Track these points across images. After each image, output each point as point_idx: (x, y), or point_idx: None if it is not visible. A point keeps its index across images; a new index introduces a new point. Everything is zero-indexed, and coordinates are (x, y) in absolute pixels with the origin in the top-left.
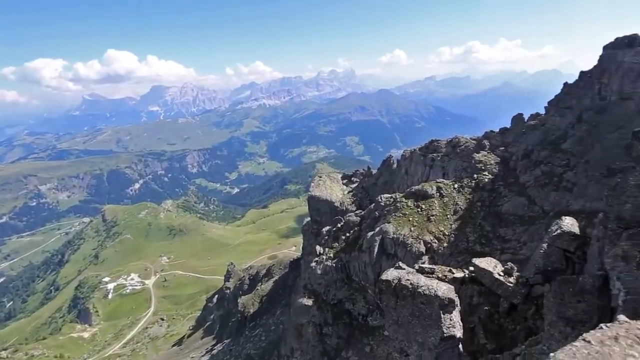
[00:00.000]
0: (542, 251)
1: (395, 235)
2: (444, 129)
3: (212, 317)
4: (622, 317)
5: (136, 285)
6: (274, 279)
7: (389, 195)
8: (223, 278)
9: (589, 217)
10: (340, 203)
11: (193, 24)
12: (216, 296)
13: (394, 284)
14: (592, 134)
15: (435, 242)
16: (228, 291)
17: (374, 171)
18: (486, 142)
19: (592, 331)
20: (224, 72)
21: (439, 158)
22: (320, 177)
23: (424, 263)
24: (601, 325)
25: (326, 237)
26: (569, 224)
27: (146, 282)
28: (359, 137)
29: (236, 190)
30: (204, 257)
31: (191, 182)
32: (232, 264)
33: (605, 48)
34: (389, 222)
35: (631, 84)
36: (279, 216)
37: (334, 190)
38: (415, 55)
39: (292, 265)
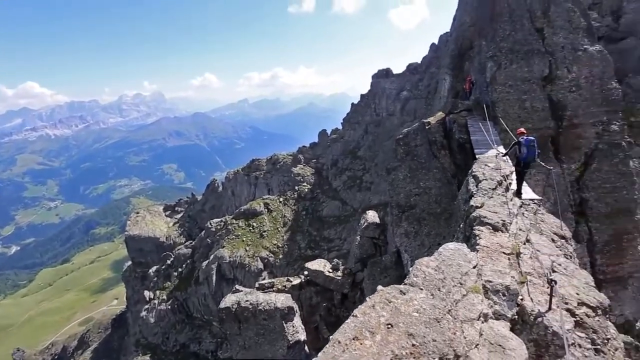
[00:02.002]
0: (357, 243)
1: (231, 259)
2: (263, 148)
3: None
4: (379, 287)
5: None
6: (92, 348)
7: (219, 220)
8: None
9: (384, 208)
10: (167, 237)
11: None
12: None
13: (234, 310)
14: (376, 143)
15: (272, 256)
16: None
17: (199, 197)
18: (301, 157)
19: (360, 305)
20: None
21: (261, 176)
22: (138, 212)
23: (264, 279)
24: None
25: (155, 279)
26: (372, 216)
27: None
28: (177, 163)
29: (15, 249)
30: None
31: None
32: (19, 350)
33: (373, 77)
34: (223, 247)
35: (392, 103)
36: (88, 268)
37: (156, 224)
38: (226, 78)
39: (116, 323)
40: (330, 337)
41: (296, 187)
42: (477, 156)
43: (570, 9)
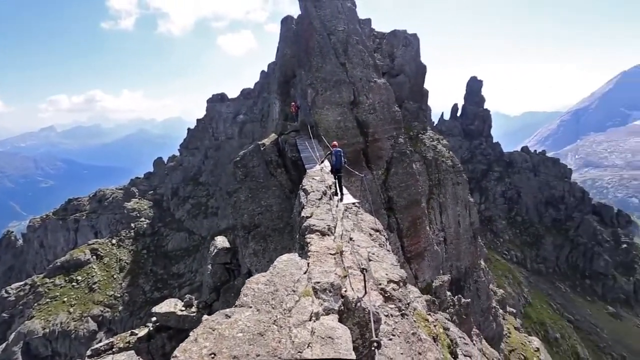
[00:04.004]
0: (209, 272)
1: (47, 330)
2: (83, 185)
3: None
4: (204, 317)
5: None
6: None
7: (22, 283)
8: None
9: (234, 231)
10: None
11: None
12: None
13: None
14: (217, 167)
15: (108, 311)
16: None
17: None
18: (135, 189)
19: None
20: None
21: (84, 217)
22: None
23: (99, 342)
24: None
25: None
26: (221, 241)
27: None
28: None
29: None
30: None
31: None
32: None
33: (208, 101)
34: (32, 318)
35: (230, 127)
36: None
37: None
38: (19, 102)
39: None
40: None
41: (132, 225)
42: (307, 171)
43: (362, 50)
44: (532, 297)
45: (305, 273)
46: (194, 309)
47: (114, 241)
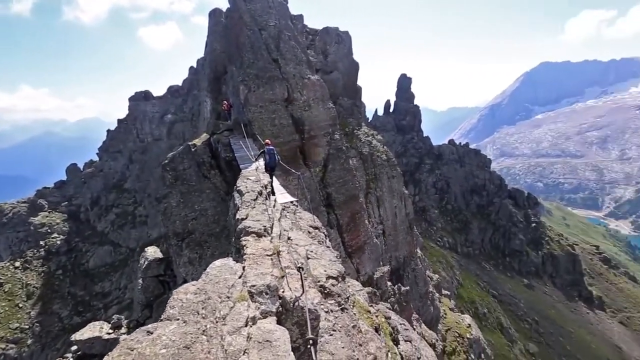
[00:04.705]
0: (139, 287)
1: None
2: None
3: None
4: (121, 338)
5: None
6: None
7: None
8: None
9: (166, 240)
10: None
11: None
12: None
13: None
14: (144, 171)
15: (13, 348)
16: None
17: None
18: (43, 202)
19: None
20: None
21: None
22: None
23: None
24: None
25: None
26: (152, 252)
27: None
28: None
29: None
30: None
31: None
32: None
33: (130, 100)
34: None
35: (157, 127)
36: None
37: None
38: None
39: None
40: None
41: (42, 242)
42: (242, 171)
43: (295, 46)
44: (463, 279)
45: (240, 277)
46: (123, 330)
47: (17, 264)
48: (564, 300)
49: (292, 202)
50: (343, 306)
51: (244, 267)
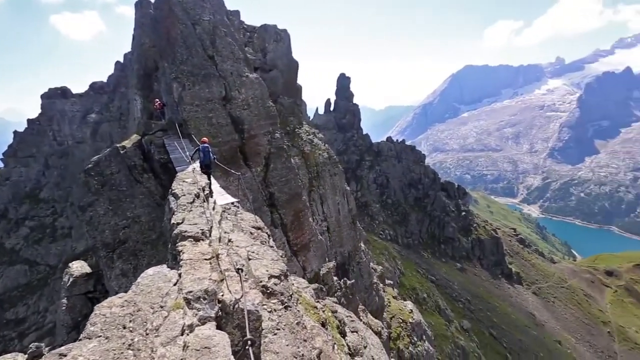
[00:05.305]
0: (64, 308)
1: None
2: None
3: None
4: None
5: None
6: None
7: None
8: None
9: (95, 252)
10: None
11: None
12: None
13: None
14: (65, 178)
15: None
16: None
17: None
18: None
19: None
20: None
21: None
22: None
23: None
24: None
25: None
26: (78, 267)
27: None
28: None
29: None
30: None
31: None
32: None
33: (43, 97)
34: None
35: (79, 128)
36: None
37: None
38: None
39: None
40: None
41: None
42: (178, 174)
43: (231, 42)
44: (404, 268)
45: (175, 285)
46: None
47: None
48: (490, 279)
49: (232, 203)
50: (287, 304)
51: (180, 274)
